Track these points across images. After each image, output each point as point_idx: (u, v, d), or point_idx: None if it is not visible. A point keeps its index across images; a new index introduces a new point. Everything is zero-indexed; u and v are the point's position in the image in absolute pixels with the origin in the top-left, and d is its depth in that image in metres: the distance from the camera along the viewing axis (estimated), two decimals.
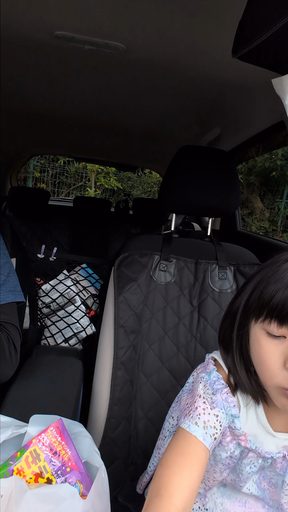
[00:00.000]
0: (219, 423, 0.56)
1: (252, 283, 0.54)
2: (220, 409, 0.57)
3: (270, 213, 7.45)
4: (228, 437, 0.59)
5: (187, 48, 0.98)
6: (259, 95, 1.19)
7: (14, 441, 0.63)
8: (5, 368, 0.81)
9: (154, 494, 0.50)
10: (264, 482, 0.64)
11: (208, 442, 0.54)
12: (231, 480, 0.65)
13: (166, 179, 1.04)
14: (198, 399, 0.58)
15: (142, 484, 0.80)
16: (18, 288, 0.91)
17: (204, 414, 0.56)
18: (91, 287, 1.59)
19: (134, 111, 1.63)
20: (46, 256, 1.47)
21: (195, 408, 0.57)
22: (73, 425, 0.66)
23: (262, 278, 0.52)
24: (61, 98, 1.55)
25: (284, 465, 0.60)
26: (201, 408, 0.57)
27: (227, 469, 0.62)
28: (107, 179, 7.76)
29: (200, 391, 0.59)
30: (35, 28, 0.96)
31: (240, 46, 0.65)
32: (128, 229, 2.48)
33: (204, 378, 0.60)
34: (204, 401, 0.57)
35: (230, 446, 0.59)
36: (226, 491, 0.67)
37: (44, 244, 1.52)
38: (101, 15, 0.87)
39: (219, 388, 0.58)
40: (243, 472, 0.61)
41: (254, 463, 0.61)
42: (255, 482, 0.64)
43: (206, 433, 0.55)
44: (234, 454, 0.60)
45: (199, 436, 0.54)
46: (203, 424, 0.55)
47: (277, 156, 6.48)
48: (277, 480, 0.62)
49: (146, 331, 0.96)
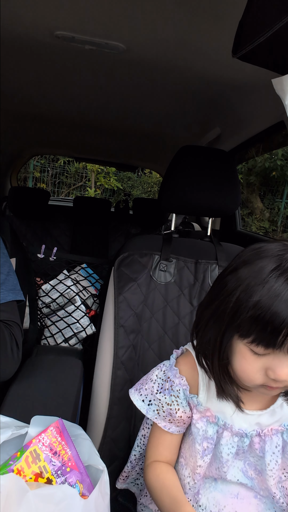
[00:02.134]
0: (168, 405, 0.65)
1: (233, 284, 0.52)
2: (168, 392, 0.65)
3: (270, 213, 7.45)
4: (196, 415, 0.64)
5: (187, 48, 0.98)
6: (259, 95, 1.19)
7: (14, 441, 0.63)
8: (8, 365, 0.81)
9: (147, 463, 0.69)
10: (250, 470, 0.65)
11: (151, 415, 0.68)
12: (216, 469, 0.66)
13: (166, 179, 1.04)
14: (150, 382, 0.69)
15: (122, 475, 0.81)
16: (18, 287, 0.92)
17: (152, 394, 0.68)
18: (91, 287, 1.59)
19: (134, 111, 1.63)
20: (46, 256, 1.47)
21: (145, 389, 0.69)
22: (73, 428, 0.66)
23: (247, 287, 0.50)
24: (61, 98, 1.55)
25: (262, 446, 0.62)
26: (149, 390, 0.68)
27: (208, 454, 0.64)
28: (107, 179, 7.76)
29: (153, 375, 0.69)
30: (35, 28, 0.96)
31: (240, 46, 0.65)
32: (128, 229, 2.48)
33: (162, 365, 0.69)
34: (153, 385, 0.68)
35: (201, 424, 0.64)
36: (217, 486, 0.68)
37: (44, 244, 1.52)
38: (101, 15, 0.87)
39: (172, 374, 0.66)
40: (223, 455, 0.63)
41: (231, 443, 0.63)
42: (241, 470, 0.66)
43: (150, 408, 0.68)
44: (208, 434, 0.64)
45: (142, 410, 0.69)
46: (148, 402, 0.68)
47: (277, 156, 6.48)
48: (262, 466, 0.63)
49: (146, 331, 0.96)
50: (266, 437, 0.62)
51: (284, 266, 0.48)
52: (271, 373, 0.51)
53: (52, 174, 8.08)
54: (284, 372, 0.50)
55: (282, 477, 0.65)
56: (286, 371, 0.50)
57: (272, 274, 0.48)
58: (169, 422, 0.67)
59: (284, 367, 0.50)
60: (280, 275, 0.48)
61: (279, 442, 0.62)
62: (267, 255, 0.51)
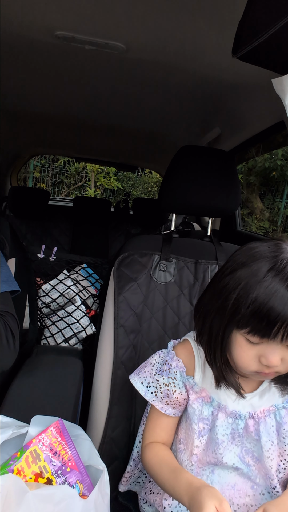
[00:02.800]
0: (165, 386, 0.70)
1: (233, 284, 0.58)
2: (166, 374, 0.70)
3: (270, 213, 7.45)
4: (192, 396, 0.70)
5: (187, 48, 0.98)
6: (259, 95, 1.19)
7: (14, 441, 0.63)
8: (5, 356, 0.80)
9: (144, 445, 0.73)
10: (247, 457, 0.69)
11: (149, 397, 0.72)
12: (212, 452, 0.69)
13: (166, 179, 1.04)
14: (149, 365, 0.74)
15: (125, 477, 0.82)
16: (12, 278, 0.92)
17: (150, 376, 0.73)
18: (91, 287, 1.59)
19: (134, 111, 1.63)
20: (46, 256, 1.47)
21: (144, 371, 0.74)
22: (73, 428, 0.67)
23: (246, 285, 0.55)
24: (61, 98, 1.55)
25: (257, 428, 0.67)
26: (148, 372, 0.73)
27: (204, 435, 0.69)
28: (107, 179, 7.76)
29: (152, 360, 0.74)
30: (35, 28, 0.96)
31: (240, 46, 0.65)
32: (128, 229, 2.48)
33: (160, 352, 0.75)
34: (152, 367, 0.73)
35: (197, 404, 0.69)
36: (214, 477, 0.70)
37: (44, 244, 1.52)
38: (101, 15, 0.87)
39: (170, 357, 0.71)
40: (218, 436, 0.68)
41: (226, 424, 0.68)
42: (238, 455, 0.69)
43: (148, 390, 0.72)
44: (203, 414, 0.69)
45: (141, 391, 0.73)
46: (146, 384, 0.73)
47: (277, 156, 6.48)
48: (259, 452, 0.68)
49: (146, 331, 0.96)
50: (259, 419, 0.68)
51: (278, 267, 0.54)
52: (264, 360, 0.57)
53: (52, 174, 8.08)
54: (275, 359, 0.56)
55: (280, 465, 0.68)
56: (277, 358, 0.57)
57: (269, 274, 0.54)
58: (166, 404, 0.72)
59: (275, 354, 0.56)
60: (275, 275, 0.54)
61: (273, 423, 0.68)
62: (262, 256, 0.56)
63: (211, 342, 0.63)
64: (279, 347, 0.56)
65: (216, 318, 0.61)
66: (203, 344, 0.66)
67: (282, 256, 0.55)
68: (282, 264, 0.54)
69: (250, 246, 0.60)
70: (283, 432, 0.67)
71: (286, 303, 0.52)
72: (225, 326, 0.59)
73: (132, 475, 0.82)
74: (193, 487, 0.58)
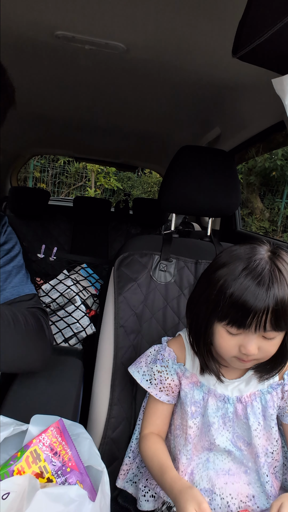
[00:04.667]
0: (159, 373, 0.79)
1: (215, 280, 0.65)
2: (160, 362, 0.79)
3: (270, 213, 7.45)
4: (184, 381, 0.78)
5: (187, 48, 0.98)
6: (259, 95, 1.19)
7: (15, 441, 0.63)
8: (47, 350, 0.81)
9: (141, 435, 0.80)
10: (239, 442, 0.76)
11: (145, 385, 0.80)
12: (206, 435, 0.76)
13: (166, 179, 1.04)
14: (144, 356, 0.83)
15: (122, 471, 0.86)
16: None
17: (146, 365, 0.81)
18: (91, 287, 1.59)
19: (134, 111, 1.63)
20: (46, 256, 1.47)
21: (140, 361, 0.83)
22: (73, 426, 0.67)
23: (224, 282, 0.63)
24: (61, 98, 1.55)
25: (245, 412, 0.75)
26: (143, 362, 0.82)
27: (197, 417, 0.77)
28: (107, 179, 7.77)
29: (148, 352, 0.83)
30: (35, 28, 0.96)
31: (240, 46, 0.65)
32: (128, 229, 2.48)
33: (155, 345, 0.83)
34: (147, 358, 0.82)
35: (189, 388, 0.78)
36: (209, 465, 0.77)
37: (44, 244, 1.52)
38: (101, 15, 0.87)
39: (163, 348, 0.81)
40: (210, 418, 0.75)
41: (216, 407, 0.76)
42: (230, 440, 0.76)
43: (143, 378, 0.81)
44: (195, 398, 0.77)
45: (137, 379, 0.81)
46: (142, 373, 0.81)
47: (277, 156, 6.48)
48: (249, 437, 0.75)
49: (146, 331, 0.96)
50: (247, 403, 0.75)
51: (251, 267, 0.62)
52: (243, 349, 0.65)
53: (52, 174, 8.08)
54: (252, 347, 0.64)
55: (268, 448, 0.76)
56: (254, 347, 0.64)
57: (243, 272, 0.62)
58: (160, 391, 0.80)
59: (252, 343, 0.64)
60: (248, 274, 0.62)
61: (259, 406, 0.76)
62: (238, 257, 0.65)
63: (196, 333, 0.72)
64: (255, 337, 0.64)
65: (201, 312, 0.69)
66: (191, 335, 0.75)
67: (255, 257, 0.64)
68: (254, 264, 0.62)
69: (231, 249, 0.68)
70: (269, 415, 0.75)
71: (256, 297, 0.60)
72: (207, 318, 0.68)
73: (130, 468, 0.85)
74: (175, 490, 0.65)
